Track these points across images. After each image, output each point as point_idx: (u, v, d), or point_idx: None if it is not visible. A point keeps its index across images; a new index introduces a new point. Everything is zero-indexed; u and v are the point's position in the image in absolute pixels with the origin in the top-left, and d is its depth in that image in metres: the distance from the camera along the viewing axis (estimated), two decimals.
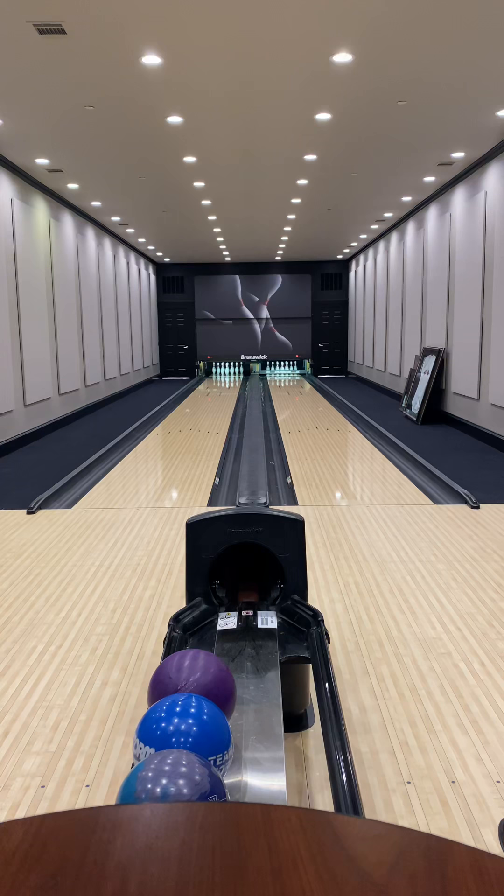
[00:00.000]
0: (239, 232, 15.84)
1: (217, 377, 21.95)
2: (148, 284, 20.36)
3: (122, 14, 4.95)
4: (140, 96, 6.67)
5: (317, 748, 2.41)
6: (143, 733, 1.52)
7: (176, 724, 1.50)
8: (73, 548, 4.75)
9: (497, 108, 7.23)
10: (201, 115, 7.41)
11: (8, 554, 4.64)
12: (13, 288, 9.09)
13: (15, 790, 2.26)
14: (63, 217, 11.74)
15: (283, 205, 12.68)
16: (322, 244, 18.22)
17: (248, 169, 9.94)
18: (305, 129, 7.92)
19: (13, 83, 6.28)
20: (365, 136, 8.21)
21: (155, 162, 9.34)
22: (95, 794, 2.24)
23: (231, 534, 2.56)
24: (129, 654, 3.19)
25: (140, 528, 5.20)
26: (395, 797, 2.19)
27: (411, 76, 6.30)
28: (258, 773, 1.65)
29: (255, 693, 1.98)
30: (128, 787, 1.31)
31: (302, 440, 9.16)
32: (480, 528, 4.94)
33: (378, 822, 0.83)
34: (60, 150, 8.69)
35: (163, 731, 1.49)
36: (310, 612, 2.50)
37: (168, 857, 0.73)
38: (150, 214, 13.58)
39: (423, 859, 0.74)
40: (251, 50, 5.67)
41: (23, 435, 9.30)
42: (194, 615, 2.50)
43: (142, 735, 1.52)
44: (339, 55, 5.77)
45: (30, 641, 3.34)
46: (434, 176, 10.41)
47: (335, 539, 4.76)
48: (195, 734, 1.49)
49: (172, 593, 3.89)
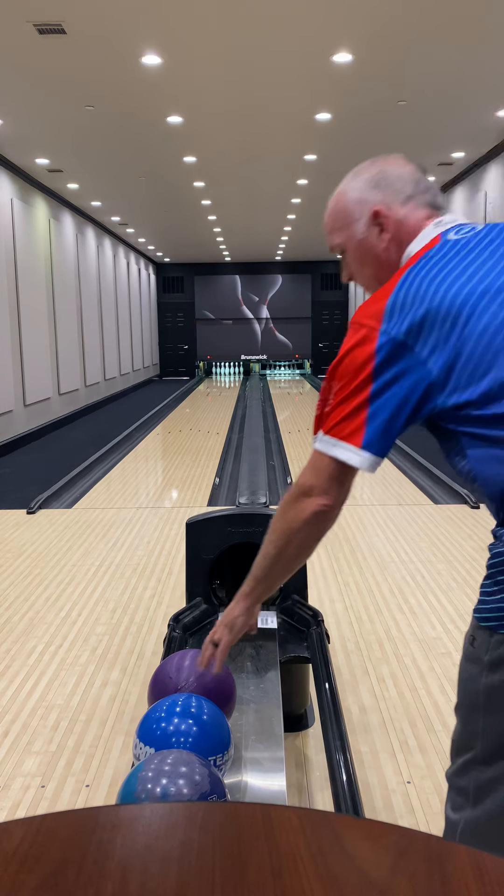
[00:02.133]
0: (239, 232, 15.84)
1: (217, 377, 21.95)
2: (148, 284, 20.36)
3: (122, 14, 4.95)
4: (140, 96, 6.67)
5: (317, 748, 2.40)
6: (143, 733, 1.52)
7: (176, 723, 1.50)
8: (73, 548, 4.75)
9: (497, 108, 7.23)
10: (201, 115, 7.41)
11: (8, 554, 4.64)
12: (13, 288, 9.09)
13: (15, 790, 2.26)
14: (63, 217, 11.74)
15: (283, 205, 12.68)
16: (322, 244, 18.08)
17: (248, 169, 9.94)
18: (305, 129, 7.92)
19: (13, 83, 6.28)
20: (365, 136, 8.21)
21: (155, 162, 9.34)
22: (95, 794, 2.24)
23: (231, 534, 2.56)
24: (129, 654, 3.19)
25: (140, 528, 5.20)
26: (395, 797, 2.19)
27: (411, 76, 6.31)
28: (258, 773, 1.65)
29: (255, 693, 1.98)
30: (128, 787, 1.31)
31: (302, 440, 9.16)
32: (480, 528, 4.94)
33: (378, 822, 0.83)
34: (60, 150, 8.69)
35: (163, 730, 1.49)
36: (310, 612, 2.50)
37: (168, 857, 0.73)
38: (150, 214, 13.58)
39: (423, 859, 0.74)
40: (251, 50, 5.67)
41: (23, 435, 9.30)
42: (194, 615, 2.50)
43: (142, 735, 1.52)
44: (339, 55, 5.77)
45: (30, 641, 3.34)
46: (434, 176, 10.41)
47: (335, 539, 4.76)
48: (195, 734, 1.48)
49: (172, 593, 3.89)
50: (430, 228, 1.26)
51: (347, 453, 1.16)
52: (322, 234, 1.43)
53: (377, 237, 1.30)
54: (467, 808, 1.21)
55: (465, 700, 1.22)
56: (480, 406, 1.10)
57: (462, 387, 1.11)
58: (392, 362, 1.13)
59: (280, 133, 8.10)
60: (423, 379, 1.12)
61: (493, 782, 1.17)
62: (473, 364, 1.09)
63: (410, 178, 1.31)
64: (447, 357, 1.11)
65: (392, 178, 1.30)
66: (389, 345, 1.13)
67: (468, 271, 1.14)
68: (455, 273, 1.14)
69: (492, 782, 1.17)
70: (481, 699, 1.17)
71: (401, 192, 1.29)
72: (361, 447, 1.15)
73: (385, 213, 1.28)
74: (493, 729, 1.16)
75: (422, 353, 1.12)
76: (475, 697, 1.18)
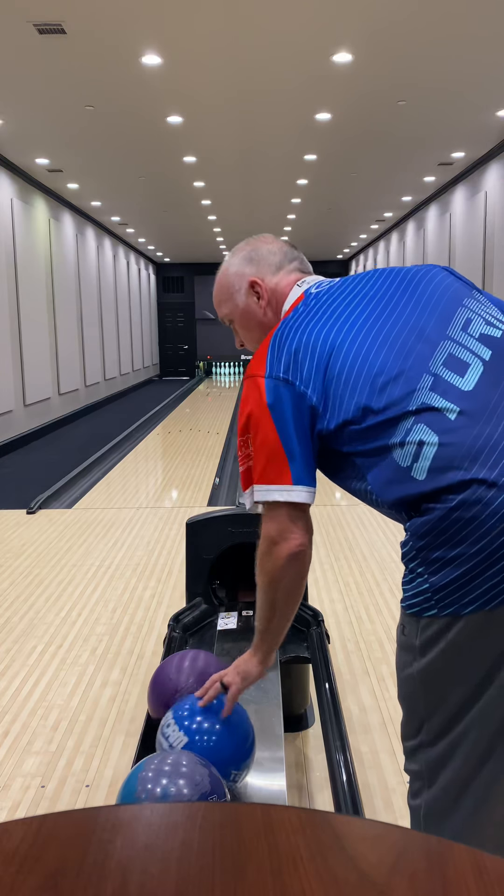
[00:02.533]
0: (239, 232, 15.83)
1: (217, 377, 21.95)
2: (148, 284, 20.36)
3: (122, 14, 4.95)
4: (140, 96, 6.67)
5: (317, 748, 2.40)
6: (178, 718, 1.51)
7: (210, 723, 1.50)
8: (73, 548, 4.75)
9: (497, 108, 7.23)
10: (201, 115, 7.41)
11: (8, 554, 4.64)
12: (13, 288, 9.09)
13: (15, 790, 2.26)
14: (63, 217, 11.74)
15: (283, 205, 12.68)
16: (322, 244, 18.21)
17: (248, 169, 9.94)
18: (305, 129, 7.92)
19: (13, 83, 6.28)
20: (365, 136, 8.21)
21: (155, 162, 9.34)
22: (95, 794, 2.24)
23: (231, 534, 2.56)
24: (129, 654, 3.19)
25: (140, 528, 5.20)
26: (395, 797, 2.19)
27: (411, 76, 6.30)
28: (258, 773, 1.65)
29: (255, 693, 1.98)
30: (128, 787, 1.31)
31: None
32: None
33: (378, 822, 0.83)
34: (60, 150, 8.69)
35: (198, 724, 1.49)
36: (310, 612, 2.50)
37: (168, 857, 0.73)
38: (150, 214, 13.58)
39: (423, 859, 0.74)
40: (251, 50, 5.67)
41: (23, 435, 9.30)
42: (194, 615, 2.50)
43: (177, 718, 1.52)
44: (339, 55, 5.77)
45: (30, 641, 3.34)
46: (434, 176, 10.41)
47: (335, 539, 4.76)
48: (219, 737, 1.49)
49: (172, 593, 3.89)
50: (295, 289, 1.47)
51: (286, 493, 1.30)
52: (322, 234, 1.49)
53: (256, 304, 1.51)
54: (425, 791, 1.27)
55: (404, 689, 1.29)
56: (358, 423, 1.25)
57: (337, 411, 1.27)
58: (281, 399, 1.30)
59: (280, 133, 8.10)
60: (306, 405, 1.29)
61: (443, 758, 1.23)
62: (340, 394, 1.27)
63: (279, 251, 1.53)
64: (320, 390, 1.28)
65: (263, 252, 1.52)
66: (273, 383, 1.31)
67: (331, 318, 1.34)
68: (320, 320, 1.34)
69: (441, 758, 1.24)
70: (417, 684, 1.25)
71: (271, 265, 1.51)
72: (293, 484, 1.29)
73: (259, 282, 1.50)
74: (432, 708, 1.23)
75: (300, 386, 1.29)
76: (412, 684, 1.26)
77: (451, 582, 1.17)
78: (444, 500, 1.17)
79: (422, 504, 1.20)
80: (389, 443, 1.23)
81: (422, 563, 1.21)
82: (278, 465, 1.29)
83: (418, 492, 1.20)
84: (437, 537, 1.18)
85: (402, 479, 1.21)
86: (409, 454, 1.21)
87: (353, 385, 1.26)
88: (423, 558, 1.20)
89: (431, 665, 1.21)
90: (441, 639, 1.20)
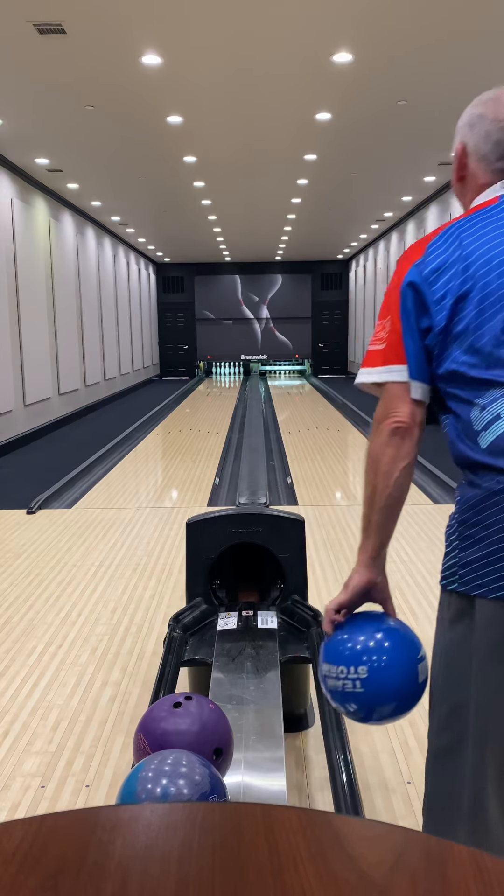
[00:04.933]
0: (239, 232, 15.84)
1: (217, 377, 21.95)
2: (148, 284, 20.36)
3: (122, 14, 4.95)
4: (140, 96, 6.67)
5: (317, 748, 2.40)
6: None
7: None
8: (73, 548, 4.75)
9: None
10: (201, 115, 7.41)
11: (8, 554, 4.64)
12: (13, 288, 9.09)
13: (15, 790, 2.26)
14: (63, 217, 11.74)
15: (283, 205, 12.68)
16: (322, 244, 18.21)
17: (248, 169, 9.94)
18: (305, 129, 7.92)
19: (13, 83, 6.28)
20: (365, 136, 8.21)
21: (155, 162, 9.34)
22: (95, 794, 2.24)
23: (231, 534, 2.56)
24: (129, 655, 3.19)
25: (140, 528, 5.20)
26: (395, 797, 2.19)
27: (411, 76, 6.30)
28: (258, 773, 1.65)
29: (255, 693, 1.98)
30: (128, 787, 1.31)
31: (302, 440, 9.16)
32: None
33: (378, 822, 0.83)
34: (60, 150, 8.69)
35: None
36: (310, 612, 2.50)
37: (168, 857, 0.73)
38: (150, 214, 13.58)
39: (423, 859, 0.74)
40: (251, 50, 5.67)
41: (23, 435, 9.30)
42: (194, 615, 2.50)
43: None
44: (339, 55, 5.77)
45: (30, 641, 3.34)
46: (434, 176, 10.41)
47: (335, 539, 4.76)
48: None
49: (172, 593, 3.89)
50: (495, 188, 1.32)
51: (397, 374, 1.28)
52: (322, 234, 1.48)
53: (456, 174, 1.40)
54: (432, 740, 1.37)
55: (435, 663, 1.35)
56: (467, 365, 1.22)
57: (456, 342, 1.23)
58: (411, 298, 1.26)
59: (280, 133, 8.10)
60: (430, 319, 1.24)
61: (449, 722, 1.31)
62: (470, 324, 1.21)
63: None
64: (448, 310, 1.22)
65: (492, 129, 1.32)
66: (414, 276, 1.26)
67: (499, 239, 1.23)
68: (492, 234, 1.23)
69: (448, 723, 1.31)
70: (439, 658, 1.32)
71: (491, 143, 1.32)
72: (406, 366, 1.27)
73: (464, 158, 1.36)
74: (450, 682, 1.30)
75: (436, 294, 1.23)
76: (436, 657, 1.33)
77: (475, 560, 1.21)
78: (492, 480, 1.20)
79: (479, 471, 1.23)
80: (475, 401, 1.23)
81: (458, 537, 1.26)
82: (397, 350, 1.28)
83: (476, 459, 1.22)
84: (476, 514, 1.22)
85: (470, 439, 1.23)
86: (484, 420, 1.22)
87: (489, 318, 1.21)
88: (460, 533, 1.25)
89: (457, 639, 1.27)
90: (465, 616, 1.25)
